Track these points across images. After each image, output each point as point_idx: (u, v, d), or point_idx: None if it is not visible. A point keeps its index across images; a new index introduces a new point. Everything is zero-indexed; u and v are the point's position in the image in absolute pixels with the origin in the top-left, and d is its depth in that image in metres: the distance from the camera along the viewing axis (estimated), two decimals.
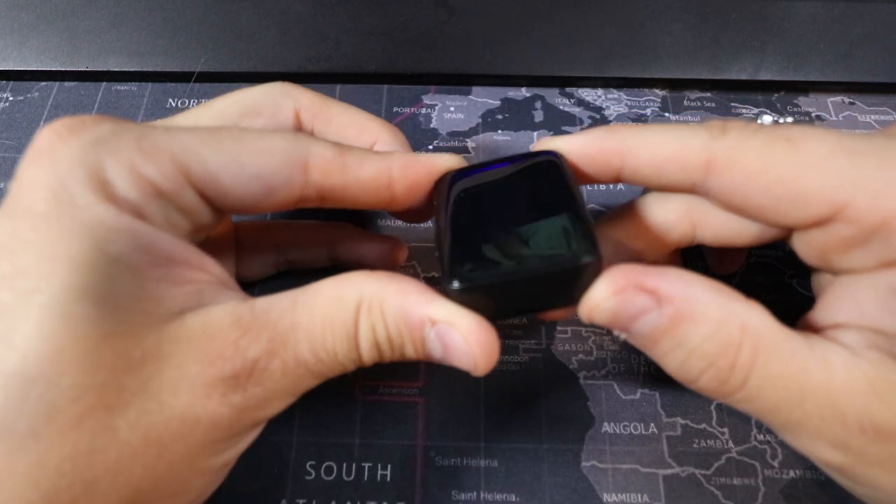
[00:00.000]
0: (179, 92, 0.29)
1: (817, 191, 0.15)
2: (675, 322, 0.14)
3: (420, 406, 0.23)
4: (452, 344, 0.15)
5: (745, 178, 0.16)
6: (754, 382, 0.14)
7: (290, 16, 0.30)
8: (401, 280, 0.16)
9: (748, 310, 0.15)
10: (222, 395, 0.14)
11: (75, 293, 0.13)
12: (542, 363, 0.23)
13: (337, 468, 0.22)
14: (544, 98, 0.29)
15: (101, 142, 0.15)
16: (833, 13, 0.30)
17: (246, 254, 0.22)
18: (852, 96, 0.29)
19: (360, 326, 0.15)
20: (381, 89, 0.30)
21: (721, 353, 0.14)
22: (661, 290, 0.14)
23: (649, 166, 0.17)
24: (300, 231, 0.23)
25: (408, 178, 0.17)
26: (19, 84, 0.30)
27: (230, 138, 0.16)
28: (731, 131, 0.16)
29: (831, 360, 0.14)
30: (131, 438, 0.14)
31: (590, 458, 0.22)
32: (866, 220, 0.15)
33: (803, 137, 0.16)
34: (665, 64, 0.29)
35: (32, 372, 0.13)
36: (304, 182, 0.16)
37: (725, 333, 0.14)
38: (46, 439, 0.13)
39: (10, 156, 0.28)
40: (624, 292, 0.14)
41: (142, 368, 0.14)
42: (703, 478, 0.21)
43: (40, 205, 0.14)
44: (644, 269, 0.15)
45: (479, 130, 0.29)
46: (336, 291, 0.15)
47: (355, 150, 0.17)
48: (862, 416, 0.14)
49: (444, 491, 0.21)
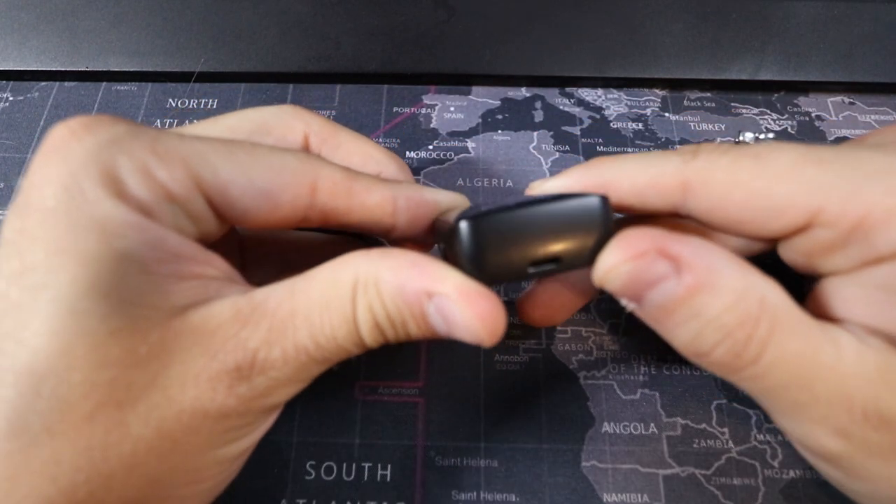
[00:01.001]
0: (179, 92, 0.29)
1: (789, 199, 0.16)
2: (695, 291, 0.14)
3: (420, 406, 0.23)
4: (452, 316, 0.14)
5: (719, 195, 0.16)
6: (768, 358, 0.14)
7: (290, 16, 0.30)
8: (397, 254, 0.15)
9: (767, 285, 0.15)
10: (228, 387, 0.14)
11: (83, 288, 0.13)
12: (542, 363, 0.23)
13: (337, 468, 0.22)
14: (544, 98, 0.29)
15: (116, 141, 0.15)
16: (833, 13, 0.30)
17: (252, 263, 0.22)
18: (852, 96, 0.29)
19: (358, 307, 0.15)
20: (381, 89, 0.30)
21: (739, 325, 0.14)
22: (684, 256, 0.14)
23: (630, 195, 0.18)
24: (306, 243, 0.23)
25: (412, 210, 0.18)
26: (19, 84, 0.30)
27: (243, 151, 0.16)
28: (701, 154, 0.17)
29: (842, 344, 0.15)
30: (143, 432, 0.14)
31: (590, 458, 0.22)
32: (841, 222, 0.15)
33: (770, 153, 0.16)
34: (665, 64, 0.29)
35: (43, 368, 0.13)
36: (311, 202, 0.17)
37: (745, 305, 0.14)
38: (60, 435, 0.13)
39: (9, 156, 0.28)
40: (644, 257, 0.14)
41: (148, 364, 0.14)
42: (704, 478, 0.21)
43: (50, 200, 0.14)
44: (666, 233, 0.14)
45: (479, 130, 0.29)
46: (332, 274, 0.15)
47: (363, 176, 0.18)
48: (867, 403, 0.14)
49: (444, 491, 0.21)
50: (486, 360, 0.23)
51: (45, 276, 0.13)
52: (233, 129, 0.19)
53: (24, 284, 0.14)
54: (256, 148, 0.16)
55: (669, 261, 0.14)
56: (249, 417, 0.15)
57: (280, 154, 0.17)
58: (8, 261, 0.14)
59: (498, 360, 0.24)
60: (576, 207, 0.14)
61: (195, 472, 0.15)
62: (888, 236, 0.15)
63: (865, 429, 0.14)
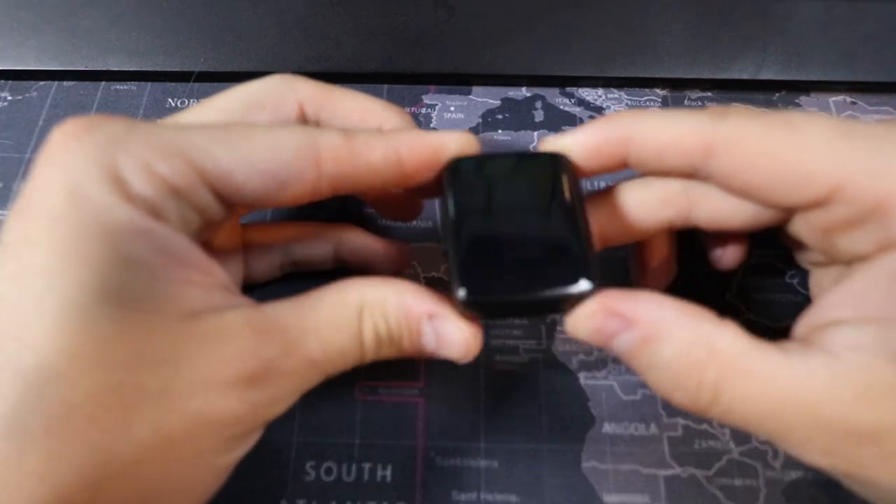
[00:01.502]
0: (179, 91, 0.29)
1: (815, 172, 0.16)
2: (644, 343, 0.15)
3: (420, 406, 0.23)
4: (448, 335, 0.16)
5: (746, 160, 0.17)
6: (725, 400, 0.15)
7: (290, 16, 0.30)
8: (396, 282, 0.17)
9: (718, 331, 0.15)
10: (241, 393, 0.15)
11: (92, 292, 0.13)
12: (542, 363, 0.23)
13: (337, 469, 0.22)
14: (545, 98, 0.29)
15: (115, 140, 0.15)
16: (835, 12, 0.30)
17: (253, 255, 0.22)
18: (854, 96, 0.29)
19: (364, 325, 0.16)
20: (381, 89, 0.30)
21: (688, 373, 0.15)
22: (631, 314, 0.15)
23: (650, 153, 0.18)
24: (306, 229, 0.23)
25: (416, 156, 0.17)
26: (18, 83, 0.29)
27: (240, 135, 0.16)
28: (731, 116, 0.17)
29: (812, 371, 0.15)
30: (147, 437, 0.14)
31: (590, 459, 0.22)
32: (863, 200, 0.16)
33: (802, 122, 0.16)
34: (666, 63, 0.29)
35: (48, 369, 0.13)
36: (318, 174, 0.17)
37: (692, 354, 0.15)
38: (61, 437, 0.13)
39: (9, 156, 0.28)
40: (597, 316, 0.16)
41: (158, 367, 0.14)
42: (705, 479, 0.21)
43: (55, 205, 0.14)
44: (619, 294, 0.16)
45: (479, 130, 0.29)
46: (339, 296, 0.16)
47: (361, 134, 0.17)
48: (848, 423, 0.14)
49: (444, 491, 0.21)
50: (486, 360, 0.23)
51: (51, 280, 0.13)
52: (226, 111, 0.19)
53: (24, 286, 0.13)
54: (252, 129, 0.16)
55: (619, 318, 0.16)
56: (251, 426, 0.16)
57: (276, 132, 0.16)
58: (5, 264, 0.14)
59: (498, 360, 0.23)
60: (560, 296, 0.16)
61: (190, 480, 0.15)
62: None
63: (853, 446, 0.14)
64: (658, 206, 0.19)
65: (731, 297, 0.25)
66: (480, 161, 0.18)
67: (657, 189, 0.19)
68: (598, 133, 0.18)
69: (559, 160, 0.18)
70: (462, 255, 0.16)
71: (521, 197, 0.17)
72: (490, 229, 0.17)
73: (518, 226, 0.17)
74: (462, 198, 0.17)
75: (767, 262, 0.25)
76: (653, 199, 0.19)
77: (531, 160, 0.18)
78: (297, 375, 0.16)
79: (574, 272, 0.16)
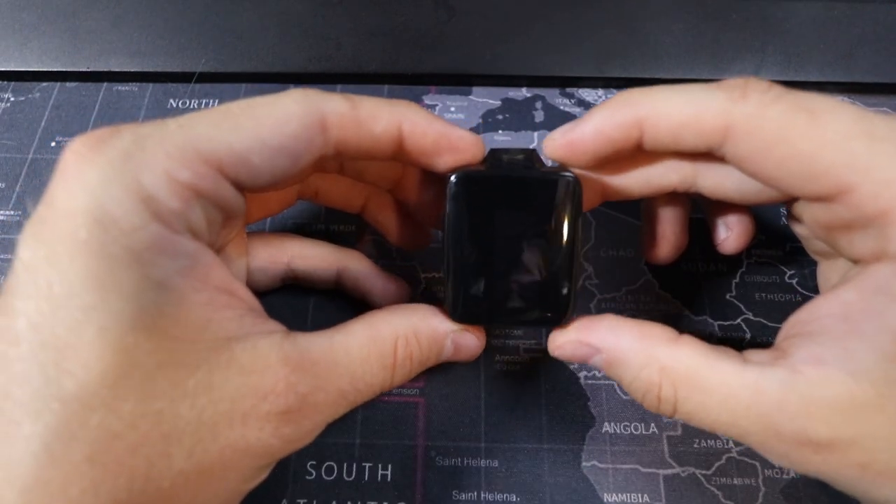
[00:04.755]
0: (180, 92, 0.30)
1: (826, 170, 0.15)
2: (609, 365, 0.17)
3: (421, 406, 0.23)
4: (467, 344, 0.19)
5: (763, 147, 0.16)
6: (684, 410, 0.16)
7: (291, 16, 0.30)
8: (417, 308, 0.18)
9: (670, 351, 0.16)
10: (275, 427, 0.15)
11: (129, 322, 0.13)
12: (542, 363, 0.23)
13: (337, 468, 0.22)
14: (545, 98, 0.30)
15: (130, 155, 0.14)
16: (833, 13, 0.30)
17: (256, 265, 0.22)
18: (852, 96, 0.29)
19: (399, 356, 0.17)
20: (382, 89, 0.30)
21: (646, 390, 0.17)
22: (594, 342, 0.17)
23: (665, 133, 0.17)
24: (312, 245, 0.23)
25: (417, 137, 0.17)
26: (20, 84, 0.30)
27: (243, 114, 0.16)
28: (750, 95, 0.16)
29: (764, 385, 0.15)
30: (185, 466, 0.14)
31: (590, 458, 0.22)
32: (867, 207, 0.15)
33: (825, 111, 0.16)
34: (665, 64, 0.29)
35: (93, 398, 0.13)
36: (324, 141, 0.16)
37: (646, 375, 0.17)
38: (102, 465, 0.13)
39: (10, 156, 0.28)
40: (569, 345, 0.18)
41: (196, 398, 0.14)
42: (704, 478, 0.21)
43: (82, 232, 0.14)
44: (585, 324, 0.18)
45: (479, 130, 0.29)
46: (371, 332, 0.17)
47: (366, 101, 0.17)
48: (800, 435, 0.15)
49: (444, 491, 0.21)
50: (487, 360, 0.24)
51: (87, 310, 0.13)
52: None
53: (60, 314, 0.13)
54: (254, 105, 0.16)
55: (587, 346, 0.18)
56: (281, 457, 0.16)
57: (279, 102, 0.16)
58: (31, 285, 0.14)
59: (498, 360, 0.24)
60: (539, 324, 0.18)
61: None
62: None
63: (808, 454, 0.15)
64: (663, 171, 0.19)
65: (731, 297, 0.25)
66: (486, 180, 0.17)
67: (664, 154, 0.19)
68: (610, 117, 0.17)
69: (568, 186, 0.17)
70: (455, 281, 0.18)
71: (519, 226, 0.17)
72: (484, 257, 0.17)
73: (511, 255, 0.17)
74: (461, 222, 0.17)
75: (767, 262, 0.25)
76: (658, 164, 0.19)
77: (538, 184, 0.17)
78: (329, 409, 0.16)
79: (554, 311, 0.18)
